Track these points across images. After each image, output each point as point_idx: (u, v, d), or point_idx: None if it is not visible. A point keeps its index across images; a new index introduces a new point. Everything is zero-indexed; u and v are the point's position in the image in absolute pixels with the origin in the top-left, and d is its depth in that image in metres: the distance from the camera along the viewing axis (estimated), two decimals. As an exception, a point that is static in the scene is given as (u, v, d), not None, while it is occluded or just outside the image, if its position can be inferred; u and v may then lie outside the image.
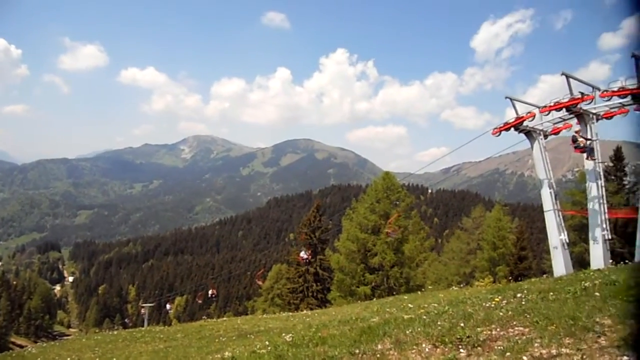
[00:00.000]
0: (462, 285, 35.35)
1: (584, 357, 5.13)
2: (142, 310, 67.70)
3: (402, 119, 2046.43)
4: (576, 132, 21.83)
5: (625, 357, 4.89)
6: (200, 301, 78.17)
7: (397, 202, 45.94)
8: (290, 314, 30.40)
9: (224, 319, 36.56)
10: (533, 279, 17.62)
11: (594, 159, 22.27)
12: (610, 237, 22.51)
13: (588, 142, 21.63)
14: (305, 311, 32.60)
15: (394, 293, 38.07)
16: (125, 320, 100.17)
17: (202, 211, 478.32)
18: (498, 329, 7.09)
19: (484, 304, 10.07)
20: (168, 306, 75.04)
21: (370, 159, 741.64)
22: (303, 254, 37.74)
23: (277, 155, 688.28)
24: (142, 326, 49.45)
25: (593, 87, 22.67)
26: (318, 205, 57.30)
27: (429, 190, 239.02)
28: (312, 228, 51.50)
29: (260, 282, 55.81)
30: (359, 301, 34.99)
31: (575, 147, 22.00)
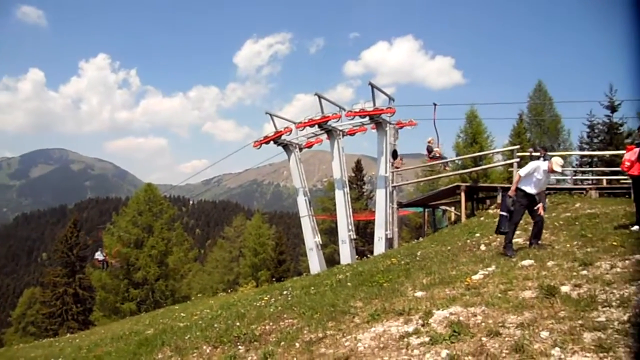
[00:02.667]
0: (229, 291, 36.07)
1: (344, 334, 6.03)
2: None
3: (164, 130, 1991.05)
4: (429, 142, 23.86)
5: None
6: None
7: (160, 214, 45.16)
8: (53, 339, 27.61)
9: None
10: (295, 278, 19.00)
11: (447, 169, 24.92)
12: (355, 237, 25.36)
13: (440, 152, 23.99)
14: (69, 335, 29.87)
15: (161, 306, 37.20)
16: None
17: None
18: (271, 324, 7.63)
19: (254, 303, 10.68)
20: None
21: (131, 171, 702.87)
22: (99, 255, 34.00)
23: (25, 166, 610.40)
24: None
25: (340, 107, 25.34)
26: (75, 221, 53.07)
27: (191, 202, 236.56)
28: (69, 245, 47.61)
29: None
30: (127, 318, 33.40)
31: (431, 157, 24.13)
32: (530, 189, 9.09)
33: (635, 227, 9.33)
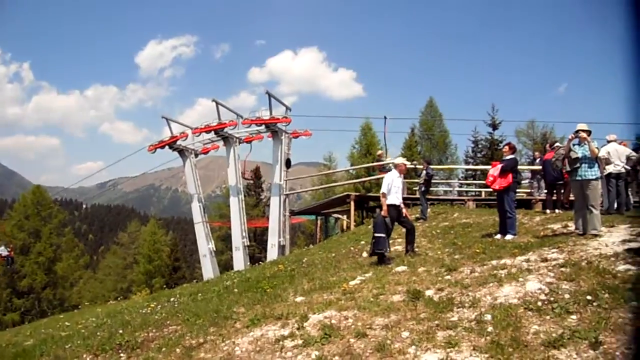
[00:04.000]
0: (119, 299, 34.70)
1: (224, 339, 6.15)
2: None
3: (58, 129, 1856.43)
4: (379, 155, 23.57)
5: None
6: None
7: (49, 218, 42.77)
8: None
9: None
10: (185, 285, 18.71)
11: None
12: (249, 243, 25.42)
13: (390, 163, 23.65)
14: None
15: (48, 316, 35.06)
16: None
17: None
18: (154, 331, 7.56)
19: (141, 311, 10.47)
20: None
21: (19, 171, 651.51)
22: (2, 251, 30.97)
23: None
24: None
25: (237, 114, 25.40)
26: (-49, 225, 49.08)
27: (84, 206, 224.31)
28: (-59, 252, 43.77)
29: None
30: (7, 329, 31.09)
31: (381, 170, 23.92)
32: (397, 200, 9.62)
33: (498, 236, 10.20)
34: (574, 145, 9.09)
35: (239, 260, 23.71)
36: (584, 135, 8.96)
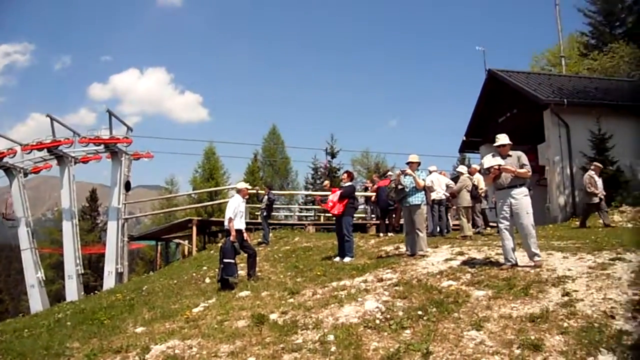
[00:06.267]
0: None
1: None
2: None
3: None
4: (325, 185, 21.53)
5: None
6: None
7: None
8: None
9: None
10: (8, 320, 16.73)
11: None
12: (83, 271, 23.56)
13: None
14: None
15: None
16: None
17: None
18: (-32, 377, 6.70)
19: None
20: None
21: None
22: None
23: None
24: None
25: (74, 132, 23.72)
26: None
27: None
28: None
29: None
30: None
31: (321, 202, 21.81)
32: (242, 224, 9.66)
33: (337, 259, 10.55)
34: (404, 176, 9.80)
35: (72, 290, 21.79)
36: (408, 171, 9.70)
